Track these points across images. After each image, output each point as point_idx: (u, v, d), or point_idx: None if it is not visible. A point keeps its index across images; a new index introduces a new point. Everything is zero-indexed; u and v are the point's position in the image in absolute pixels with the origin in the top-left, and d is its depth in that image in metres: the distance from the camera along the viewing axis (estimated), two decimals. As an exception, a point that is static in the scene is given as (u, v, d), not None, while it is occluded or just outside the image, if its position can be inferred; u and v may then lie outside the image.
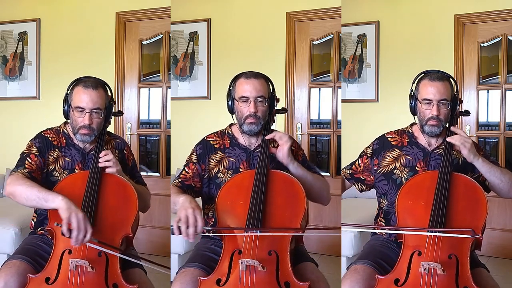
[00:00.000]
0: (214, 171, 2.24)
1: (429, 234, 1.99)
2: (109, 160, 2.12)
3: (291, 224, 2.05)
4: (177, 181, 2.25)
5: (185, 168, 2.26)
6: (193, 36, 4.51)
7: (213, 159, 2.25)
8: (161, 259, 3.70)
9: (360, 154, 2.35)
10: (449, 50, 4.16)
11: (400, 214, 2.10)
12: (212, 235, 2.17)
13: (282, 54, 4.29)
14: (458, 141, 2.10)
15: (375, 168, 2.29)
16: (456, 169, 2.17)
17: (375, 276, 2.00)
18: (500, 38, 4.08)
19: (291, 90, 4.30)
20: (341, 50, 4.28)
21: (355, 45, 4.48)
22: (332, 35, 4.23)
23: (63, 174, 2.20)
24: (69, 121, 2.25)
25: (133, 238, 2.16)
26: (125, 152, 2.35)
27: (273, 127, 2.33)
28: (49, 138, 2.23)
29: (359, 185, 2.36)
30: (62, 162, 2.21)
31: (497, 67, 4.13)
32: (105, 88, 2.24)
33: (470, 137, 2.18)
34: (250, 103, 2.18)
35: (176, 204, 2.04)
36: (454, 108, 2.21)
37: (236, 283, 1.93)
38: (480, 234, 2.02)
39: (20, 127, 4.41)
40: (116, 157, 2.24)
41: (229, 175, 2.22)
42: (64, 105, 2.22)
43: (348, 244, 3.35)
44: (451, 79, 2.23)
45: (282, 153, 2.14)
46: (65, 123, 2.29)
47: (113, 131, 4.03)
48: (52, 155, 2.21)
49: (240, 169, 2.23)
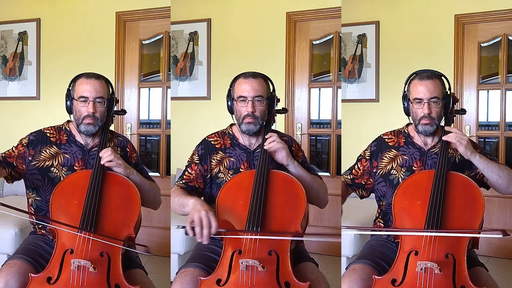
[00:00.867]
0: (215, 171, 2.24)
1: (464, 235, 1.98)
2: (110, 159, 2.12)
3: (291, 224, 2.05)
4: (181, 182, 2.24)
5: (188, 169, 2.26)
6: (193, 36, 4.51)
7: (214, 159, 2.26)
8: (161, 259, 3.70)
9: (358, 158, 2.34)
10: (449, 50, 4.16)
11: (396, 214, 2.10)
12: (219, 237, 2.13)
13: (282, 54, 4.29)
14: (454, 139, 2.10)
15: (374, 171, 2.29)
16: (453, 168, 2.17)
17: (373, 276, 2.00)
18: (500, 38, 4.08)
19: (291, 90, 4.30)
20: (341, 50, 4.28)
21: (355, 45, 4.48)
22: (332, 35, 4.23)
23: (62, 170, 2.20)
24: (72, 119, 2.26)
25: (135, 238, 2.16)
26: (128, 149, 2.35)
27: (273, 127, 2.33)
28: (47, 134, 2.25)
29: (360, 191, 2.35)
30: (61, 159, 2.22)
31: (497, 67, 4.13)
32: (106, 81, 2.27)
33: (466, 135, 2.17)
34: (248, 102, 2.19)
35: (185, 206, 2.04)
36: (447, 106, 2.22)
37: (236, 283, 1.93)
38: (476, 232, 2.01)
39: (20, 127, 4.39)
40: (118, 155, 2.24)
41: (229, 175, 2.22)
42: (66, 100, 2.24)
43: (348, 244, 3.35)
44: (442, 77, 2.23)
45: (281, 156, 2.15)
46: (68, 122, 2.30)
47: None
48: (48, 151, 2.22)
49: (241, 169, 2.22)
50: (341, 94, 4.26)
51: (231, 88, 2.26)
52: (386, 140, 2.32)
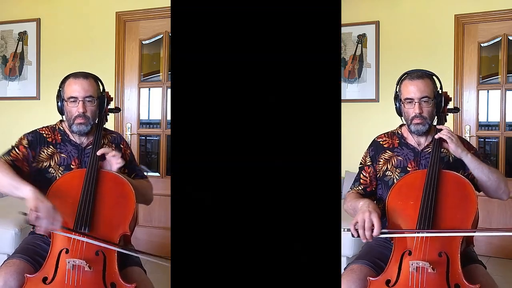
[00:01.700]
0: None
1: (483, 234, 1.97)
2: (114, 156, 2.14)
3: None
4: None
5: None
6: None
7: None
8: (161, 259, 3.70)
9: (360, 167, 2.33)
10: (449, 50, 4.16)
11: (390, 214, 2.09)
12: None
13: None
14: (445, 135, 2.11)
15: (376, 174, 2.30)
16: (447, 167, 2.17)
17: (367, 278, 2.00)
18: (500, 38, 4.08)
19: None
20: (341, 50, 4.28)
21: (355, 45, 4.48)
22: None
23: (59, 170, 2.20)
24: (64, 118, 2.27)
25: (131, 236, 2.16)
26: (122, 146, 2.35)
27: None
28: (43, 135, 2.25)
29: (373, 198, 2.31)
30: (58, 158, 2.22)
31: (497, 67, 4.13)
32: (96, 79, 2.27)
33: (455, 134, 2.17)
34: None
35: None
36: (439, 105, 2.22)
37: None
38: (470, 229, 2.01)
39: (20, 127, 4.39)
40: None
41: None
42: (57, 101, 2.25)
43: (348, 244, 3.35)
44: (433, 76, 2.23)
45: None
46: (61, 121, 2.31)
47: (113, 131, 4.03)
48: (46, 152, 2.22)
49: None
50: (341, 94, 4.26)
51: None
52: (380, 142, 2.32)
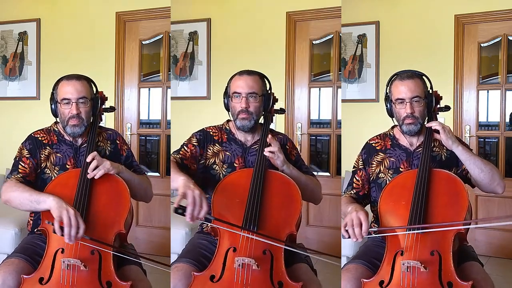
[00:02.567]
0: (211, 161, 2.28)
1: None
2: (98, 169, 2.10)
3: (286, 225, 2.06)
4: (177, 156, 2.26)
5: (184, 147, 2.30)
6: (193, 36, 4.51)
7: (210, 149, 2.30)
8: (161, 259, 3.69)
9: (353, 171, 2.34)
10: (449, 50, 4.16)
11: (382, 215, 2.10)
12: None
13: (282, 53, 4.29)
14: (438, 126, 2.14)
15: (369, 177, 2.30)
16: (439, 166, 2.18)
17: (361, 280, 2.01)
18: (500, 38, 4.08)
19: (291, 90, 4.30)
20: (341, 50, 4.28)
21: (355, 45, 4.48)
22: (332, 35, 4.23)
23: (54, 170, 2.21)
24: (58, 120, 2.28)
25: (127, 235, 2.16)
26: (118, 142, 2.36)
27: (272, 126, 2.35)
28: (39, 138, 2.26)
29: (365, 202, 2.33)
30: (54, 158, 2.23)
31: (497, 67, 4.13)
32: (88, 80, 2.28)
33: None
34: (242, 98, 2.22)
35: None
36: (430, 105, 2.23)
37: (231, 280, 1.94)
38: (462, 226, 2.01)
39: (20, 127, 4.40)
40: (109, 148, 2.29)
41: (224, 168, 2.26)
42: (51, 104, 2.26)
43: (348, 244, 3.35)
44: (423, 76, 2.23)
45: (278, 161, 2.17)
46: (55, 123, 2.32)
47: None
48: (44, 154, 2.23)
49: (235, 164, 2.26)
50: (341, 94, 4.26)
51: (228, 86, 2.31)
52: (373, 145, 2.33)
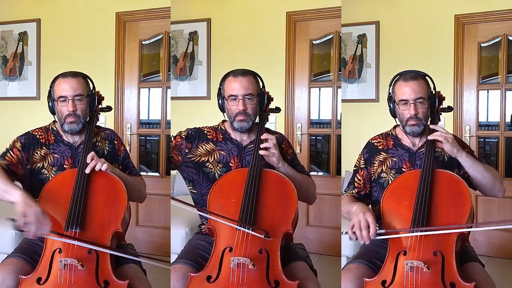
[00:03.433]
0: (204, 159, 2.28)
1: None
2: (98, 165, 2.11)
3: (282, 224, 2.06)
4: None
5: (172, 138, 2.32)
6: (193, 36, 4.51)
7: (202, 147, 2.29)
8: (161, 259, 3.70)
9: (354, 170, 2.33)
10: (449, 50, 4.16)
11: (385, 215, 2.10)
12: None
13: (282, 53, 4.29)
14: (440, 137, 2.11)
15: (371, 177, 2.29)
16: (442, 167, 2.17)
17: (363, 279, 2.01)
18: (500, 38, 4.08)
19: (291, 90, 4.30)
20: (341, 50, 4.28)
21: (355, 45, 4.48)
22: (332, 35, 4.23)
23: (52, 171, 2.21)
24: (55, 118, 2.28)
25: (124, 234, 2.16)
26: (116, 142, 2.36)
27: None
28: (36, 136, 2.26)
29: (367, 201, 2.32)
30: (51, 159, 2.23)
31: (497, 67, 4.13)
32: (84, 77, 2.28)
33: (451, 133, 2.17)
34: (238, 101, 2.22)
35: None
36: (433, 105, 2.22)
37: (226, 280, 1.94)
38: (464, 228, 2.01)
39: (20, 127, 4.38)
40: (107, 148, 2.29)
41: (219, 168, 2.26)
42: (48, 102, 2.27)
43: (348, 244, 3.35)
44: (427, 77, 2.23)
45: (273, 159, 2.17)
46: (54, 122, 2.32)
47: (113, 131, 4.03)
48: (39, 153, 2.23)
49: (230, 164, 2.26)
50: (341, 94, 4.26)
51: (221, 86, 2.30)
52: (375, 144, 2.32)
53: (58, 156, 2.24)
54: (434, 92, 2.23)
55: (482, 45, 4.14)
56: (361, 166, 2.31)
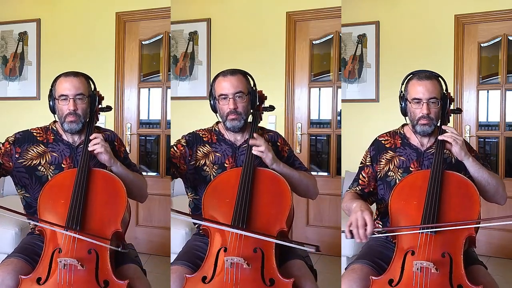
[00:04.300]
0: (201, 162, 2.29)
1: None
2: (98, 143, 2.14)
3: (276, 222, 2.07)
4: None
5: (174, 147, 2.32)
6: (193, 36, 4.51)
7: (200, 150, 2.31)
8: (161, 259, 3.70)
9: (360, 167, 2.33)
10: (449, 50, 4.16)
11: (393, 215, 2.09)
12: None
13: (282, 53, 4.29)
14: (450, 138, 2.11)
15: (377, 175, 2.29)
16: (449, 168, 2.17)
17: (370, 277, 2.00)
18: (500, 38, 4.08)
19: (291, 90, 4.30)
20: (341, 50, 4.28)
21: (355, 45, 4.48)
22: (332, 35, 4.23)
23: (49, 169, 2.22)
24: (56, 118, 2.28)
25: (124, 234, 2.16)
26: (116, 143, 2.36)
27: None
28: (33, 133, 2.28)
29: (371, 199, 2.33)
30: (49, 157, 2.24)
31: (497, 67, 4.13)
32: (86, 77, 2.29)
33: (461, 136, 2.18)
34: (229, 100, 2.23)
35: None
36: (444, 106, 2.22)
37: (221, 280, 1.95)
38: (473, 230, 2.02)
39: (20, 127, 4.39)
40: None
41: (214, 169, 2.27)
42: (49, 101, 2.27)
43: (348, 244, 3.35)
44: (439, 78, 2.23)
45: (267, 159, 2.18)
46: (54, 122, 2.33)
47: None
48: (35, 150, 2.24)
49: (225, 164, 2.27)
50: (341, 94, 4.26)
51: (212, 87, 2.32)
52: (382, 142, 2.32)
53: (56, 155, 2.24)
54: (446, 93, 2.23)
55: (482, 45, 4.14)
56: (367, 163, 2.30)
